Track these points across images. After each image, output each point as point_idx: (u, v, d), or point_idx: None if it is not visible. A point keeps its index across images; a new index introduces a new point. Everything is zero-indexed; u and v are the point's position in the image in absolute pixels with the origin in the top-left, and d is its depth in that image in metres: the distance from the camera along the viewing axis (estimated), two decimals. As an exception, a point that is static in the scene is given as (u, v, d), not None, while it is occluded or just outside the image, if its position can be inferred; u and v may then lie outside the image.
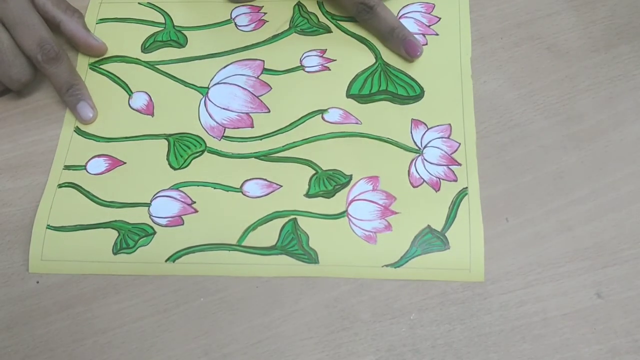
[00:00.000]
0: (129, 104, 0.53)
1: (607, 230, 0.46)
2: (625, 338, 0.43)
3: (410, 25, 0.54)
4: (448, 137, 0.50)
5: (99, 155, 0.51)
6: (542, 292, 0.45)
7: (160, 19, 0.56)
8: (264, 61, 0.54)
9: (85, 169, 0.50)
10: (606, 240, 0.46)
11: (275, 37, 0.55)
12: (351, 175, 0.49)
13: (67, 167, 0.50)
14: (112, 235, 0.48)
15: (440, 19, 0.54)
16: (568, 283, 0.45)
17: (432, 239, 0.46)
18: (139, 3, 0.57)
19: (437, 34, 0.54)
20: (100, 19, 0.57)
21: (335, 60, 0.53)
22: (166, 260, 0.47)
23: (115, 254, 0.47)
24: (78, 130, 0.52)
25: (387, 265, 0.46)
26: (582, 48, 0.53)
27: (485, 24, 0.54)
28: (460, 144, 0.49)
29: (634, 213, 0.47)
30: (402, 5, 0.55)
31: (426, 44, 0.53)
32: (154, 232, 0.48)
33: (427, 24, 0.54)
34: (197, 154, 0.50)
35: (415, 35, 0.53)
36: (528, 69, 0.52)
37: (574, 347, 0.43)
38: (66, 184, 0.50)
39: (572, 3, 0.55)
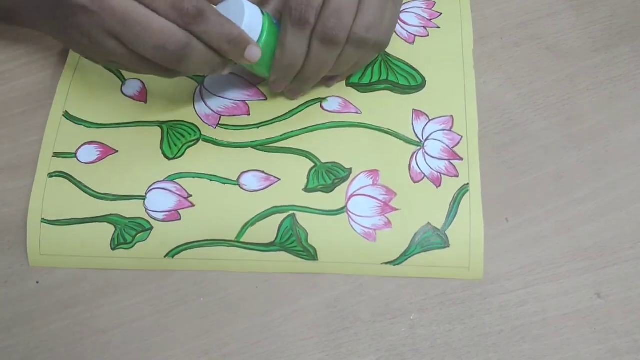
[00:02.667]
0: (122, 91, 0.52)
1: (607, 230, 0.46)
2: (625, 338, 0.43)
3: (411, 19, 0.54)
4: (450, 130, 0.49)
5: (89, 142, 0.50)
6: (542, 292, 0.45)
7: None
8: None
9: (76, 156, 0.49)
10: (606, 240, 0.46)
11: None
12: (350, 169, 0.48)
13: (56, 155, 0.49)
14: (108, 230, 0.47)
15: (441, 14, 0.54)
16: (568, 283, 0.45)
17: (432, 237, 0.46)
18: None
19: (438, 27, 0.53)
20: None
21: None
22: (165, 256, 0.47)
23: (113, 249, 0.47)
24: (67, 115, 0.51)
25: (386, 263, 0.46)
26: (582, 48, 0.53)
27: (485, 24, 0.54)
28: (462, 136, 0.49)
29: (634, 213, 0.47)
30: (402, 3, 0.55)
31: (427, 35, 0.53)
32: (151, 227, 0.47)
33: (428, 18, 0.54)
34: (192, 143, 0.50)
35: (417, 28, 0.53)
36: (528, 69, 0.52)
37: (574, 347, 0.43)
38: (57, 174, 0.49)
39: (572, 3, 0.55)
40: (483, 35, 0.54)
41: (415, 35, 0.53)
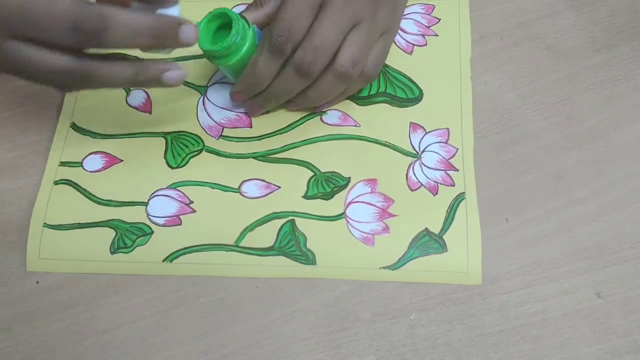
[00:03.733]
0: (127, 101, 0.53)
1: (607, 230, 0.46)
2: (625, 338, 0.43)
3: (409, 26, 0.54)
4: (446, 142, 0.50)
5: (95, 152, 0.51)
6: (542, 292, 0.45)
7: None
8: None
9: (82, 165, 0.50)
10: (606, 240, 0.46)
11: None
12: (349, 178, 0.49)
13: (62, 164, 0.50)
14: (109, 234, 0.48)
15: (439, 20, 0.54)
16: (568, 283, 0.45)
17: (430, 242, 0.46)
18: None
19: (436, 35, 0.54)
20: None
21: None
22: (163, 260, 0.47)
23: (112, 253, 0.47)
24: (74, 126, 0.52)
25: (384, 268, 0.46)
26: (582, 48, 0.53)
27: (485, 24, 0.54)
28: (457, 149, 0.49)
29: (634, 213, 0.47)
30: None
31: (425, 44, 0.53)
32: (152, 232, 0.48)
33: (427, 24, 0.54)
34: (195, 153, 0.50)
35: (415, 36, 0.53)
36: (528, 69, 0.52)
37: (574, 347, 0.43)
38: (62, 181, 0.49)
39: (572, 3, 0.55)
40: (483, 35, 0.54)
41: (413, 45, 0.53)
